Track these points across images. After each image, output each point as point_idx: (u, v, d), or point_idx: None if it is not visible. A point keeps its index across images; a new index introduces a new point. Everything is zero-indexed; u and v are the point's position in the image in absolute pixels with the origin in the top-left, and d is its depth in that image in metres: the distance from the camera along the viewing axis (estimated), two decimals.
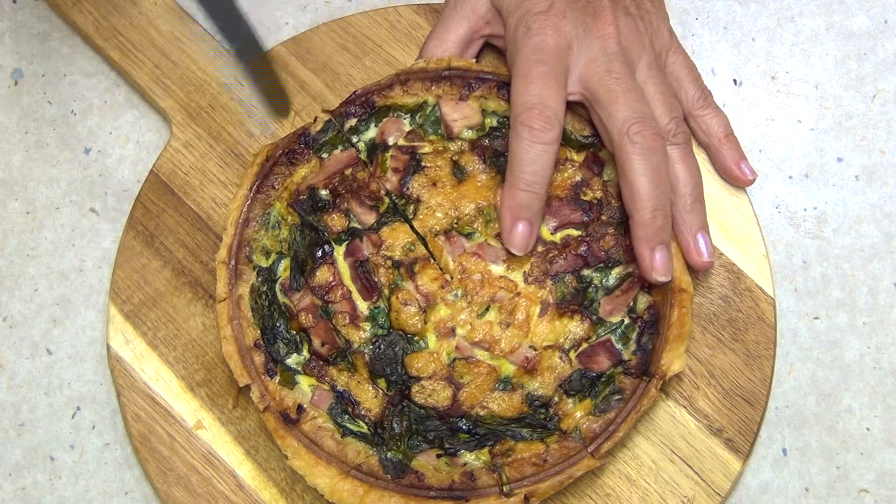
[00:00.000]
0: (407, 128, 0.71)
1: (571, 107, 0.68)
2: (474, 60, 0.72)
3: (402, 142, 0.70)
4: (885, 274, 0.72)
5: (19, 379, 0.72)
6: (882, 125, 0.75)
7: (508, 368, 0.65)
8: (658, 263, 0.64)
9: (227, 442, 0.68)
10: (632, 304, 0.66)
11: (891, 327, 0.71)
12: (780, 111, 0.75)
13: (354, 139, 0.71)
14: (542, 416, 0.64)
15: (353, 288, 0.67)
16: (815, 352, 0.71)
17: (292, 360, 0.66)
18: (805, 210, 0.74)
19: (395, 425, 0.64)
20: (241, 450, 0.68)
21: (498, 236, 0.68)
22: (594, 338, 0.66)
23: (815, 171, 0.74)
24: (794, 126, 0.75)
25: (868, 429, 0.69)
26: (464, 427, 0.64)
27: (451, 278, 0.67)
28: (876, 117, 0.75)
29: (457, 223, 0.68)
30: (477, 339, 0.66)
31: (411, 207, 0.69)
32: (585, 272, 0.67)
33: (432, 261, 0.68)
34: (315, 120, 0.71)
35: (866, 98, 0.76)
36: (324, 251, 0.68)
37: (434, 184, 0.69)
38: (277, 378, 0.65)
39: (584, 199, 0.68)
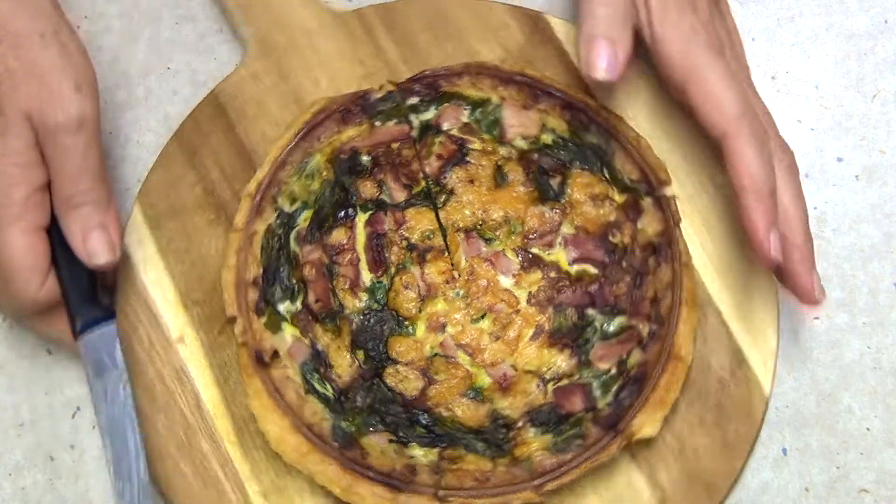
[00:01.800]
0: (465, 119, 0.71)
1: (627, 149, 0.68)
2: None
3: (455, 131, 0.70)
4: (885, 274, 0.72)
5: (19, 379, 0.71)
6: (882, 125, 0.75)
7: (484, 380, 0.65)
8: (775, 241, 0.61)
9: (201, 363, 0.69)
10: (624, 356, 0.65)
11: (891, 327, 0.71)
12: (780, 111, 0.74)
13: (412, 116, 0.71)
14: (501, 437, 0.64)
15: (363, 257, 0.68)
16: (815, 352, 0.70)
17: (284, 307, 0.67)
18: None
19: (358, 398, 0.65)
20: (212, 375, 0.68)
21: (516, 250, 0.67)
22: (576, 377, 0.65)
23: (815, 171, 0.74)
24: (794, 126, 0.75)
25: (868, 429, 0.69)
26: (423, 421, 0.64)
27: (458, 276, 0.67)
28: (876, 117, 0.75)
29: (481, 225, 0.68)
30: (463, 342, 0.66)
31: (443, 197, 0.69)
32: (589, 311, 0.66)
33: (446, 254, 0.68)
34: (380, 88, 0.71)
35: (866, 98, 0.75)
36: (347, 213, 0.69)
37: (472, 181, 0.69)
38: (264, 319, 0.66)
39: (612, 240, 0.67)
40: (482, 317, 0.66)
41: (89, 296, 0.67)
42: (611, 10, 0.63)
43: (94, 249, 0.64)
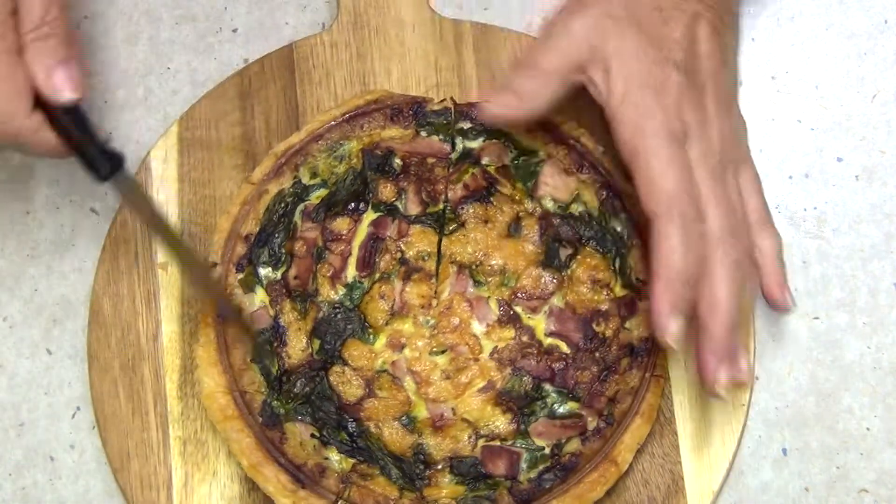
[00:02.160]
0: (506, 161, 0.70)
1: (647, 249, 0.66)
2: (601, 149, 0.71)
3: (491, 169, 0.70)
4: (885, 274, 0.72)
5: (19, 379, 0.71)
6: (882, 125, 0.75)
7: (421, 412, 0.65)
8: (675, 328, 0.60)
9: (173, 296, 0.70)
10: (563, 440, 0.64)
11: (891, 327, 0.71)
12: (780, 111, 0.75)
13: (458, 139, 0.71)
14: (417, 472, 0.64)
15: (355, 253, 0.68)
16: (815, 352, 0.70)
17: (264, 272, 0.68)
18: (805, 210, 0.73)
19: (298, 384, 0.65)
20: (179, 311, 0.69)
21: (500, 302, 0.67)
22: (509, 443, 0.64)
23: (815, 171, 0.74)
24: (794, 126, 0.75)
25: (868, 429, 0.69)
26: (350, 429, 0.64)
27: (435, 306, 0.67)
28: (876, 117, 0.75)
29: (477, 266, 0.68)
30: (415, 370, 0.66)
31: (453, 226, 0.69)
32: (546, 386, 0.66)
33: (433, 280, 0.68)
34: (440, 101, 0.71)
35: (866, 98, 0.76)
36: (357, 207, 0.69)
37: (486, 221, 0.69)
38: (241, 276, 0.67)
39: (595, 328, 0.66)
40: (442, 352, 0.66)
41: (100, 145, 0.61)
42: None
43: (59, 85, 0.60)
